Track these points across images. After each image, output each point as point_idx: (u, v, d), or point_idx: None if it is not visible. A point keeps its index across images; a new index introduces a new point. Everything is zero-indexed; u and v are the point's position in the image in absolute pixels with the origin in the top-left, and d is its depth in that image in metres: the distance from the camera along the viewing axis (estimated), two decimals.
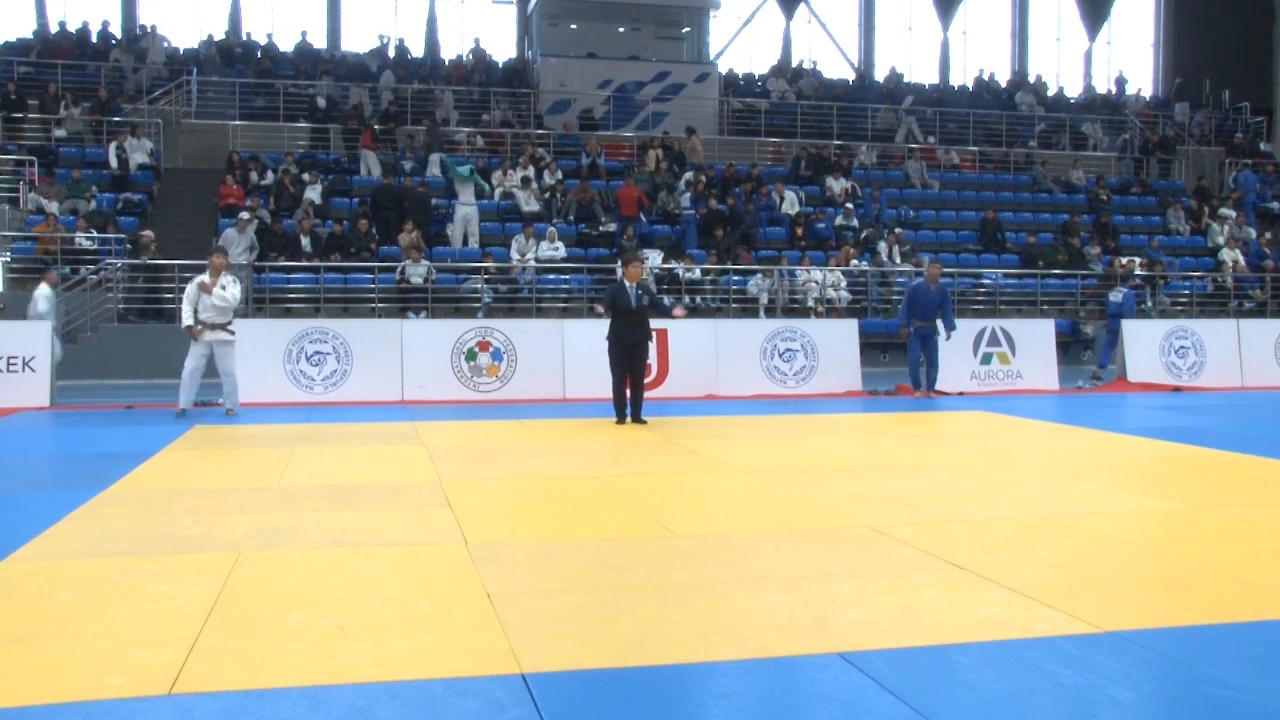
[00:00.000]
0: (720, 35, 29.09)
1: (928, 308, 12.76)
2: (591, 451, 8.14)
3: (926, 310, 12.78)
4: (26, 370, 11.57)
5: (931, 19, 31.88)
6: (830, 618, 3.80)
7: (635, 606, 3.93)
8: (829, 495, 6.19)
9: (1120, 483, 6.74)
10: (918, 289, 12.97)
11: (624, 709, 3.00)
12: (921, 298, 12.83)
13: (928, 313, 12.78)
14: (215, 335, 10.51)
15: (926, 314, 12.79)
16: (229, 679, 3.19)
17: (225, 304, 10.57)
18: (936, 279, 12.89)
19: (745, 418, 10.54)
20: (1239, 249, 21.18)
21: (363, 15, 28.07)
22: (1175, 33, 32.04)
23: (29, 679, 3.19)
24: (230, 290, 10.64)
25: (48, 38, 23.42)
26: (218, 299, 10.51)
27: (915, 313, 12.84)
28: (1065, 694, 3.12)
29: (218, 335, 10.52)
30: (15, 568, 4.52)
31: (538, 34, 24.88)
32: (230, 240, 15.88)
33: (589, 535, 5.19)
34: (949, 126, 25.73)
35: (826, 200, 21.21)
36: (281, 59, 24.41)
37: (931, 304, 12.75)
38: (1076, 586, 4.22)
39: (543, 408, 11.56)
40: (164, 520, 5.48)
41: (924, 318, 12.81)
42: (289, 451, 7.99)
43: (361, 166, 20.21)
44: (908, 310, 12.92)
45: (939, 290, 12.87)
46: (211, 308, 10.52)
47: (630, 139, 23.11)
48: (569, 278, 17.59)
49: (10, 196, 18.01)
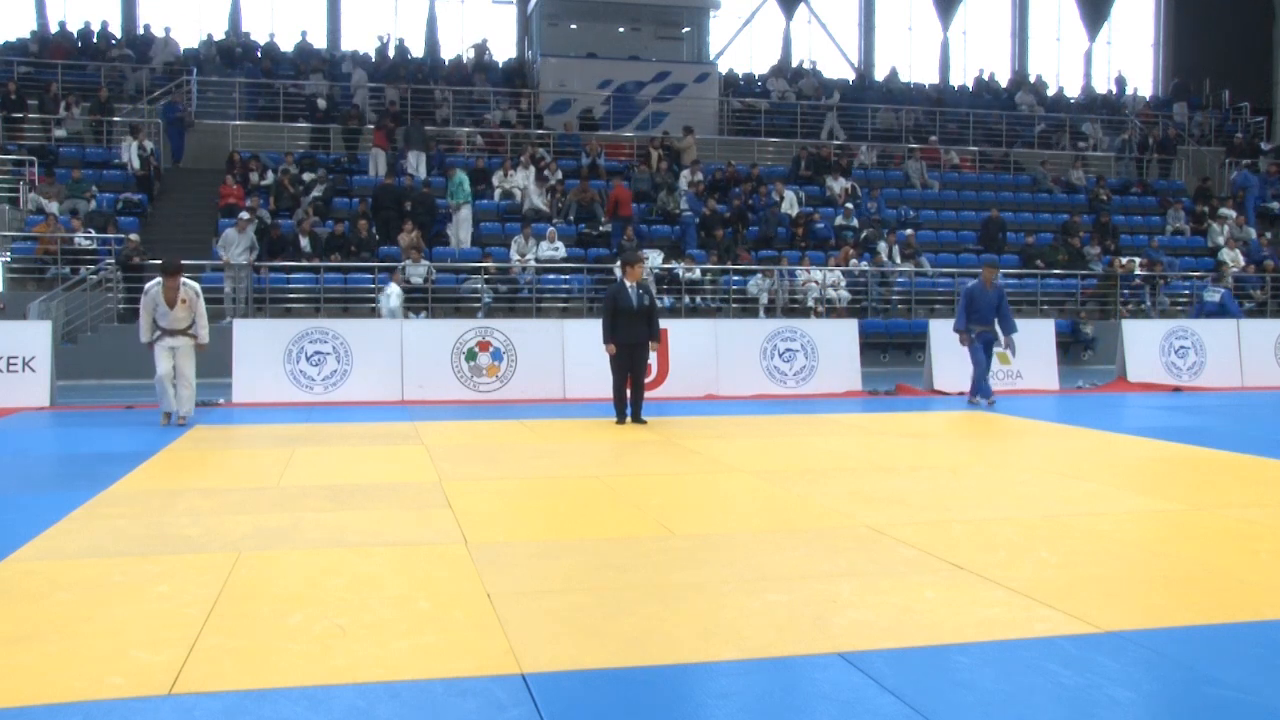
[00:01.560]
0: (720, 35, 29.12)
1: (986, 310, 12.10)
2: (591, 451, 8.14)
3: (985, 313, 12.11)
4: (26, 370, 11.56)
5: (931, 19, 31.88)
6: (830, 618, 3.80)
7: (635, 606, 3.93)
8: (829, 495, 6.19)
9: (1120, 483, 6.74)
10: (974, 291, 12.21)
11: (624, 709, 3.00)
12: (979, 300, 12.11)
13: (987, 316, 12.12)
14: (177, 341, 9.85)
15: (986, 317, 12.12)
16: (229, 679, 3.19)
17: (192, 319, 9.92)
18: (993, 280, 12.20)
19: (745, 418, 10.53)
20: (1239, 249, 21.19)
21: (363, 15, 28.10)
22: (1175, 33, 32.04)
23: (29, 679, 3.19)
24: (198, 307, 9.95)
25: (48, 38, 23.42)
26: (180, 313, 9.84)
27: (974, 317, 12.12)
28: (1065, 694, 3.12)
29: (179, 340, 9.86)
30: (15, 568, 4.51)
31: (538, 34, 24.88)
32: (230, 240, 15.89)
33: (589, 535, 5.19)
34: (949, 126, 25.73)
35: (826, 200, 21.22)
36: (281, 59, 24.41)
37: (989, 306, 12.09)
38: (1076, 586, 4.22)
39: (543, 408, 11.55)
40: (164, 520, 5.48)
41: (984, 321, 12.13)
42: (289, 451, 7.99)
43: (370, 166, 20.18)
44: (965, 314, 12.16)
45: (996, 291, 12.16)
46: (175, 321, 9.86)
47: (630, 139, 23.11)
48: (569, 278, 17.59)
49: (10, 196, 18.01)
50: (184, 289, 9.81)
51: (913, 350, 17.22)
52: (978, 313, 12.10)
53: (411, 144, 20.21)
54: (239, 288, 15.85)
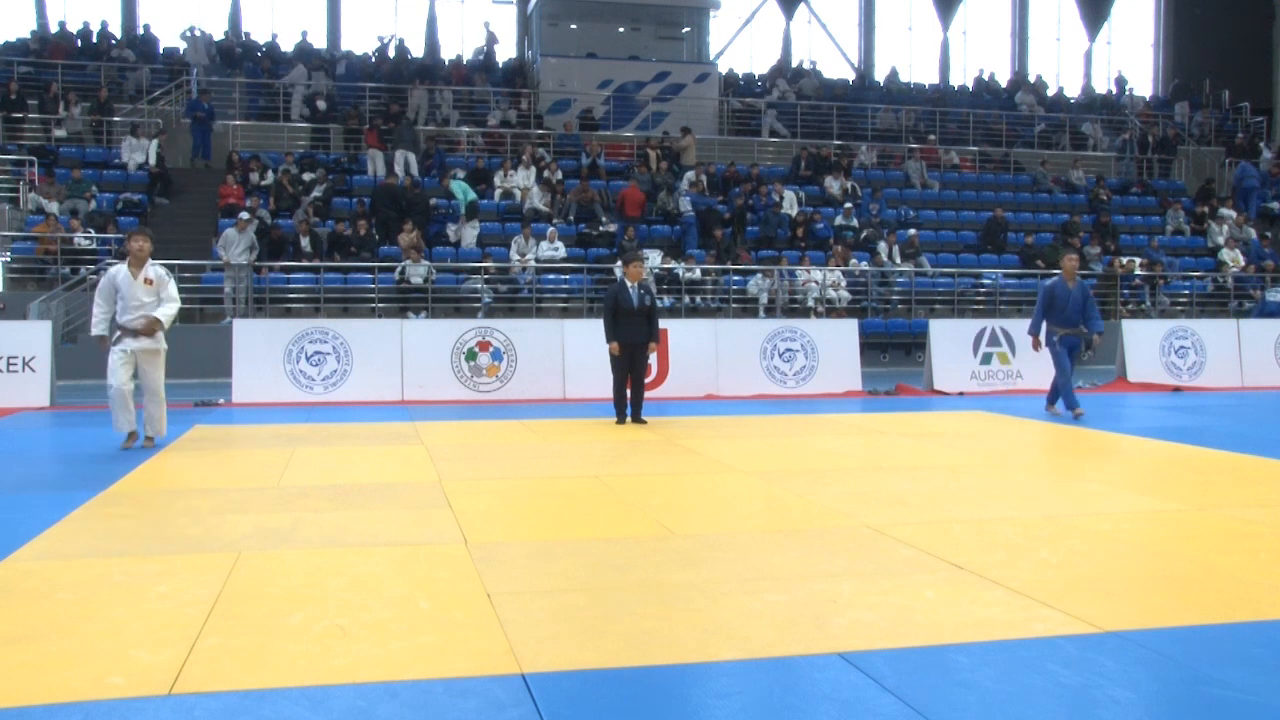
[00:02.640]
0: (720, 35, 29.13)
1: (1071, 310, 10.48)
2: (591, 451, 8.14)
3: (1071, 313, 10.49)
4: (26, 370, 11.57)
5: (931, 19, 31.88)
6: (830, 618, 3.80)
7: (635, 606, 3.93)
8: (829, 495, 6.19)
9: (1120, 483, 6.74)
10: (1054, 289, 10.59)
11: (624, 709, 3.00)
12: (1060, 299, 10.51)
13: (1072, 316, 10.49)
14: (140, 344, 8.21)
15: (1071, 318, 10.51)
16: (229, 679, 3.19)
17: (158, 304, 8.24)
18: (1075, 274, 10.62)
19: (745, 418, 10.53)
20: (1239, 249, 21.19)
21: (363, 15, 28.11)
22: (1175, 33, 32.04)
23: (29, 679, 3.19)
24: (167, 288, 8.28)
25: (48, 38, 23.42)
26: (144, 294, 8.12)
27: (1054, 318, 10.58)
28: (1065, 694, 3.12)
29: (142, 344, 8.22)
30: (15, 568, 4.51)
31: (538, 34, 24.88)
32: (230, 240, 15.89)
33: (589, 535, 5.19)
34: (949, 126, 25.73)
35: (826, 200, 21.21)
36: (282, 59, 24.41)
37: (1074, 305, 10.50)
38: (1076, 586, 4.22)
39: (543, 408, 11.55)
40: (164, 520, 5.48)
41: (1068, 323, 10.53)
42: (289, 451, 7.99)
43: (369, 166, 20.18)
44: (1043, 315, 10.62)
45: (1079, 289, 10.58)
46: (137, 309, 8.15)
47: (630, 139, 23.11)
48: (569, 278, 17.59)
49: (10, 196, 18.01)
50: (151, 268, 8.23)
51: (913, 350, 17.23)
52: (1060, 313, 10.58)
53: (400, 144, 20.21)
54: (239, 288, 15.85)
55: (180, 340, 11.11)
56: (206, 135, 20.41)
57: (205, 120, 20.31)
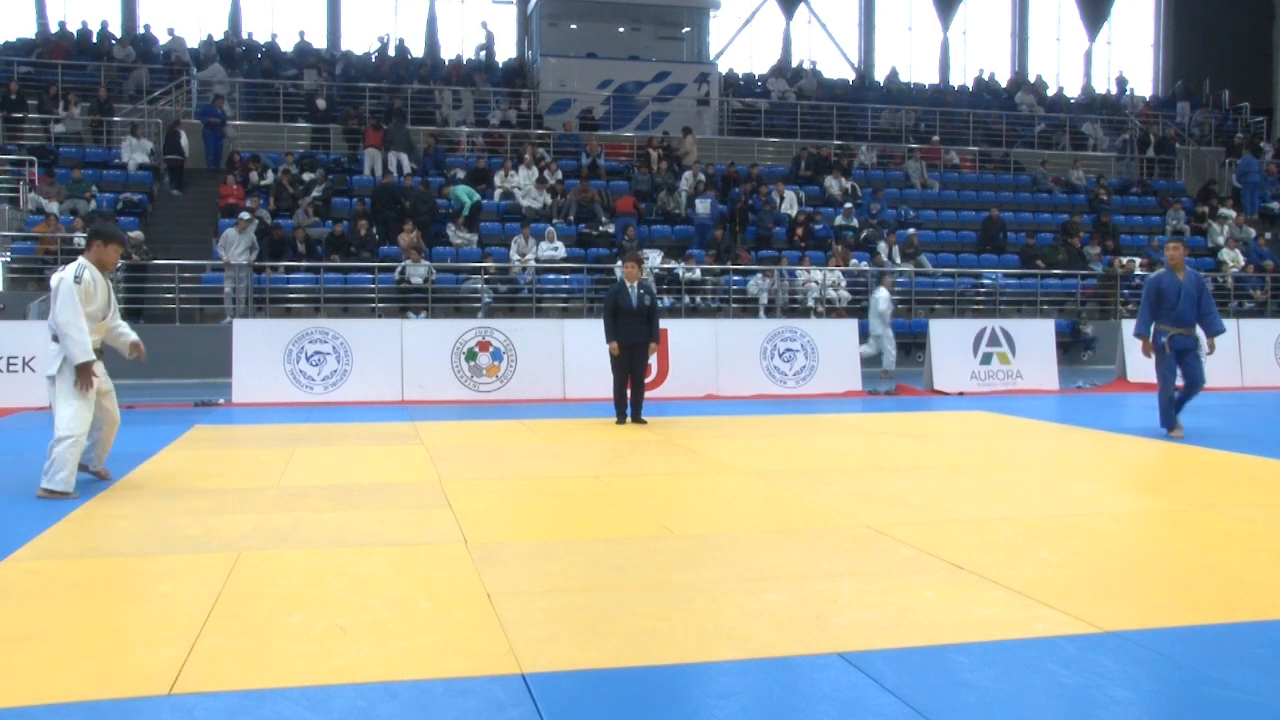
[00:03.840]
0: (720, 35, 29.12)
1: (1183, 306, 8.93)
2: (591, 451, 8.14)
3: (1183, 310, 8.93)
4: (26, 370, 11.56)
5: (931, 19, 31.88)
6: (830, 618, 3.80)
7: (635, 606, 3.93)
8: (829, 495, 6.19)
9: (1120, 483, 6.74)
10: (1161, 282, 9.04)
11: (624, 709, 3.00)
12: (1169, 293, 8.95)
13: (1185, 314, 8.93)
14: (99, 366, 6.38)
15: (1184, 316, 8.94)
16: (229, 679, 3.19)
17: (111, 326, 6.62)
18: (1183, 263, 9.10)
19: (745, 418, 10.53)
20: (1239, 249, 21.18)
21: (363, 15, 28.10)
22: (1175, 33, 32.05)
23: (29, 679, 3.19)
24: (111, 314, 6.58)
25: (48, 37, 23.42)
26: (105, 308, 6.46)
27: (1163, 316, 9.02)
28: (1065, 694, 3.12)
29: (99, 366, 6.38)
30: (15, 568, 4.51)
31: (538, 34, 24.88)
32: (230, 240, 15.88)
33: (589, 535, 5.19)
34: (949, 126, 25.73)
35: (826, 200, 21.21)
36: (282, 59, 24.41)
37: (1187, 300, 8.93)
38: (1076, 586, 4.22)
39: (543, 408, 11.55)
40: (164, 520, 5.48)
41: (1179, 322, 8.94)
42: (289, 451, 7.99)
43: (366, 166, 20.17)
44: (1150, 312, 9.07)
45: (1193, 280, 9.04)
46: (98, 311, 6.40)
47: (630, 139, 23.11)
48: (569, 278, 17.59)
49: (10, 196, 18.01)
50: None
51: (913, 350, 17.21)
52: (1170, 310, 8.97)
53: (394, 145, 20.21)
54: (239, 288, 15.85)
55: (180, 340, 11.10)
56: (218, 141, 20.40)
57: (218, 126, 20.31)
